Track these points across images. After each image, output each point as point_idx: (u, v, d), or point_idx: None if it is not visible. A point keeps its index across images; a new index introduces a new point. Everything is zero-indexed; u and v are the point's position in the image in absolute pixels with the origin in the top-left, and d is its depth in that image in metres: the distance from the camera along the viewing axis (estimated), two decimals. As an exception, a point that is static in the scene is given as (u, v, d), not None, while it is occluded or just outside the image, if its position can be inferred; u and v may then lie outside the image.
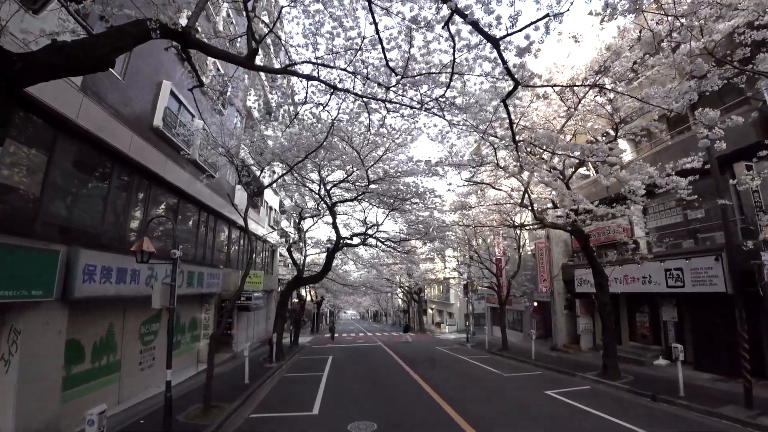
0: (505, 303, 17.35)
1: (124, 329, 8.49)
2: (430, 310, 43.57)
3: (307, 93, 7.24)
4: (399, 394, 9.45)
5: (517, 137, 6.32)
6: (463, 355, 16.89)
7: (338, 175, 13.49)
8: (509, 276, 17.31)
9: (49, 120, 6.15)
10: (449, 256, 24.30)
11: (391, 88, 6.21)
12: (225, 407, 7.69)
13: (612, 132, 9.93)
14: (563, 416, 7.46)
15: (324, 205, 17.07)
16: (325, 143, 9.47)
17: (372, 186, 12.14)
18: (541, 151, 8.16)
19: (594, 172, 15.76)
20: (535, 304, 20.66)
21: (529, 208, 9.99)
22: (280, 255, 25.39)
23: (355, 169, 11.80)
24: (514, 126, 6.32)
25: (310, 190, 13.89)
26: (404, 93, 7.41)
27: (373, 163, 11.04)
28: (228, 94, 11.78)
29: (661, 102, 8.35)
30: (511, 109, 8.30)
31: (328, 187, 13.35)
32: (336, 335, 32.14)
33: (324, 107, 7.77)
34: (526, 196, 10.02)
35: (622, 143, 14.06)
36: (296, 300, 26.07)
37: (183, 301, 11.16)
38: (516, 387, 10.21)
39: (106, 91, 7.55)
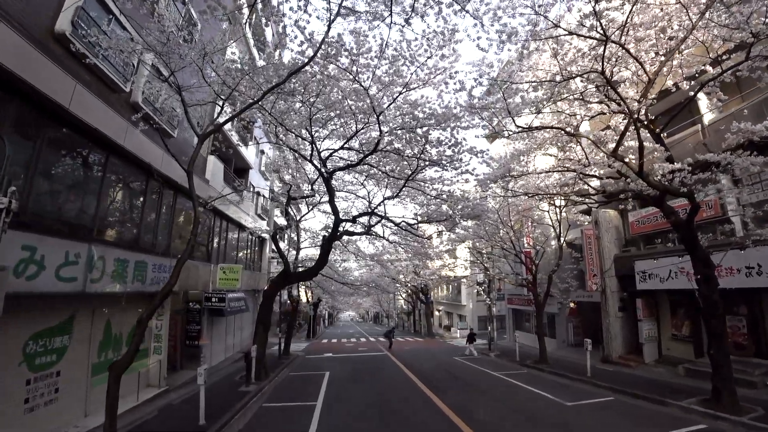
0: (543, 304, 14.07)
1: (-12, 349, 5.20)
2: (437, 312, 40.14)
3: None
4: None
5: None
6: (493, 369, 13.56)
7: (337, 144, 10.25)
8: (549, 271, 14.02)
9: None
10: (466, 247, 20.85)
11: None
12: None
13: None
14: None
15: (320, 186, 13.90)
16: (317, 60, 6.23)
17: (384, 141, 8.80)
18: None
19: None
20: (572, 305, 17.44)
21: (632, 158, 6.71)
22: (272, 251, 22.07)
23: (360, 119, 8.52)
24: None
25: (302, 155, 10.57)
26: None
27: (387, 104, 7.76)
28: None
29: None
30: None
31: (324, 155, 10.07)
32: (334, 340, 29.06)
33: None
34: (628, 134, 6.69)
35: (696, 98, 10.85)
36: (288, 301, 22.73)
37: (112, 302, 7.79)
38: (597, 428, 6.95)
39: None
